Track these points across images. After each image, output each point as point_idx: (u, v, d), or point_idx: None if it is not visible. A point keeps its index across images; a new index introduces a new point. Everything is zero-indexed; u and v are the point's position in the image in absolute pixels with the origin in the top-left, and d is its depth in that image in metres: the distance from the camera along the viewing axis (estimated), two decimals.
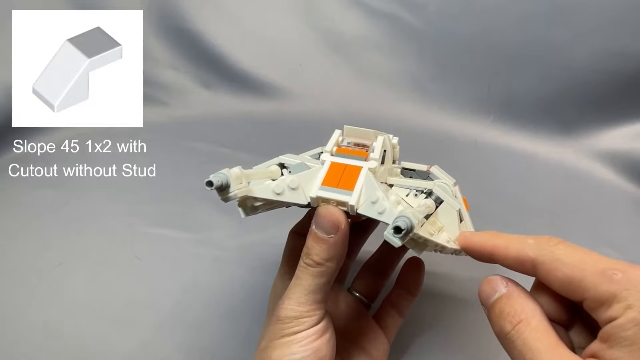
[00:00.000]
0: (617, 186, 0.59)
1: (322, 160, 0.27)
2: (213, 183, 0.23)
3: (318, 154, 0.31)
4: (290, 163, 0.29)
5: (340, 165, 0.26)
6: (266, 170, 0.28)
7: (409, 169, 0.33)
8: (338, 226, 0.24)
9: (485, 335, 0.39)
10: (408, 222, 0.20)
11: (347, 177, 0.25)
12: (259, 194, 0.25)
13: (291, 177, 0.25)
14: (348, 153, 0.27)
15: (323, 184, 0.25)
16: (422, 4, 0.67)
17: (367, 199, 0.24)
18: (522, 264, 0.21)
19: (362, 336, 0.32)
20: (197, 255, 0.47)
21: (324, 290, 0.25)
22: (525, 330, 0.20)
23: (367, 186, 0.25)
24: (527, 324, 0.20)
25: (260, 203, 0.26)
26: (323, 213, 0.24)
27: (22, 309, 0.41)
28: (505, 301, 0.21)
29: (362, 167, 0.26)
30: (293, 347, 0.24)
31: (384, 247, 0.36)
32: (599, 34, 0.60)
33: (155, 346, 0.38)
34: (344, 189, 0.25)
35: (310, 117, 0.70)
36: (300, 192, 0.25)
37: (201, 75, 0.73)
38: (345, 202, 0.24)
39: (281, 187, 0.25)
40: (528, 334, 0.19)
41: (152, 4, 0.70)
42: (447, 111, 0.69)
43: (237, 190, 0.24)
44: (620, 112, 0.62)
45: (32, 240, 0.48)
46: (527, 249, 0.21)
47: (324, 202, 0.25)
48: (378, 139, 0.28)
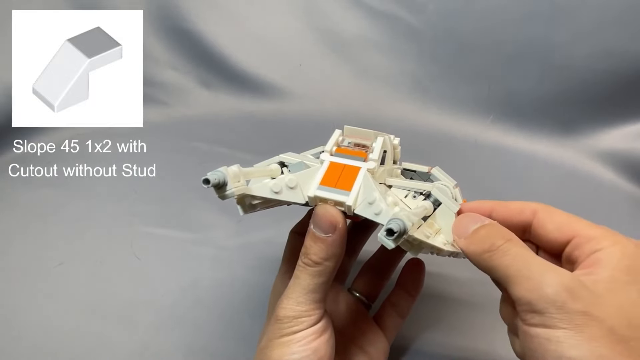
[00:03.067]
0: (617, 186, 0.59)
1: (321, 160, 0.27)
2: (210, 180, 0.23)
3: (319, 153, 0.31)
4: (290, 162, 0.29)
5: (339, 165, 0.26)
6: (266, 169, 0.28)
7: (409, 170, 0.33)
8: (335, 226, 0.24)
9: (485, 336, 0.39)
10: (401, 224, 0.20)
11: (345, 178, 0.25)
12: (256, 192, 0.25)
13: (290, 176, 0.25)
14: (347, 153, 0.27)
15: (321, 183, 0.25)
16: (422, 4, 0.67)
17: (365, 199, 0.24)
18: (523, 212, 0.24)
19: (361, 336, 0.33)
20: (197, 255, 0.47)
21: (322, 289, 0.25)
22: (518, 244, 0.22)
23: (364, 187, 0.25)
24: (517, 241, 0.22)
25: (258, 201, 0.26)
26: (321, 213, 0.24)
27: (22, 309, 0.41)
28: (492, 227, 0.23)
29: (361, 168, 0.26)
30: (292, 346, 0.24)
31: (384, 248, 0.36)
32: (599, 34, 0.60)
33: (155, 346, 0.38)
34: (341, 189, 0.25)
35: (310, 117, 0.70)
36: (299, 191, 0.25)
37: (201, 75, 0.73)
38: (342, 202, 0.24)
39: (279, 186, 0.25)
40: (521, 247, 0.21)
41: (152, 4, 0.70)
42: (447, 111, 0.69)
43: (235, 189, 0.24)
44: (620, 112, 0.62)
45: (32, 240, 0.48)
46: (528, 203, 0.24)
47: (321, 201, 0.25)
48: (378, 139, 0.28)
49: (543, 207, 0.24)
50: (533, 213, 0.24)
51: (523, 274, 0.20)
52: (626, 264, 0.20)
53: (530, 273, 0.20)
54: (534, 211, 0.24)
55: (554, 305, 0.18)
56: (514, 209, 0.25)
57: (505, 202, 0.25)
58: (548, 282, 0.19)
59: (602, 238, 0.21)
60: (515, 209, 0.25)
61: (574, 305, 0.18)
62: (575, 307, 0.18)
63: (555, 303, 0.18)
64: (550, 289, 0.19)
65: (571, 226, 0.22)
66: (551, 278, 0.19)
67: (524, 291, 0.19)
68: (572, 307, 0.18)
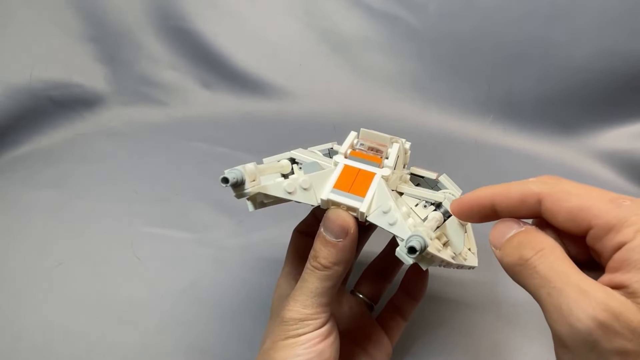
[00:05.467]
0: (617, 186, 0.59)
1: (335, 162, 0.27)
2: (229, 180, 0.23)
3: (328, 149, 0.31)
4: (301, 159, 0.29)
5: (353, 169, 0.26)
6: (277, 165, 0.28)
7: (417, 176, 0.32)
8: (347, 231, 0.24)
9: (487, 338, 0.39)
10: (422, 242, 0.21)
11: (359, 183, 0.25)
12: (271, 191, 0.25)
13: (303, 178, 0.25)
14: (362, 157, 0.27)
15: (335, 187, 0.25)
16: (422, 4, 0.67)
17: (379, 207, 0.24)
18: (526, 202, 0.21)
19: (364, 338, 0.33)
20: (197, 255, 0.47)
21: (330, 293, 0.25)
22: (550, 255, 0.19)
23: (379, 194, 0.24)
24: (551, 251, 0.19)
25: (270, 200, 0.26)
26: (333, 217, 0.24)
27: (22, 309, 0.41)
28: (525, 234, 0.20)
29: (376, 174, 0.26)
30: (297, 349, 0.24)
31: (388, 250, 0.36)
32: (599, 34, 0.60)
33: (155, 346, 0.38)
34: (355, 195, 0.24)
35: (310, 117, 0.70)
36: (312, 192, 0.25)
37: (201, 75, 0.73)
38: (356, 208, 0.24)
39: (293, 186, 0.25)
40: (553, 259, 0.18)
41: (152, 4, 0.70)
42: (447, 111, 0.69)
43: (252, 188, 0.24)
44: (620, 112, 0.62)
45: (32, 240, 0.48)
46: (531, 185, 0.21)
47: (334, 205, 0.25)
48: (394, 145, 0.28)
49: (548, 192, 0.20)
50: (537, 201, 0.20)
51: (552, 302, 0.17)
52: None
53: (560, 300, 0.17)
54: (538, 199, 0.20)
55: (585, 345, 0.16)
56: (516, 198, 0.21)
57: (504, 187, 0.22)
58: (579, 314, 0.16)
59: (623, 225, 0.17)
60: (517, 199, 0.21)
61: (608, 345, 0.16)
62: (609, 347, 0.16)
63: (587, 343, 0.16)
64: (581, 324, 0.16)
65: (585, 214, 0.19)
66: (582, 310, 0.16)
67: (552, 322, 0.17)
68: (606, 346, 0.16)
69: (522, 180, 0.22)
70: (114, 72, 0.71)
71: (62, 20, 0.67)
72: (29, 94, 0.62)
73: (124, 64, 0.71)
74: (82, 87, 0.68)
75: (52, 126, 0.64)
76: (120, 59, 0.71)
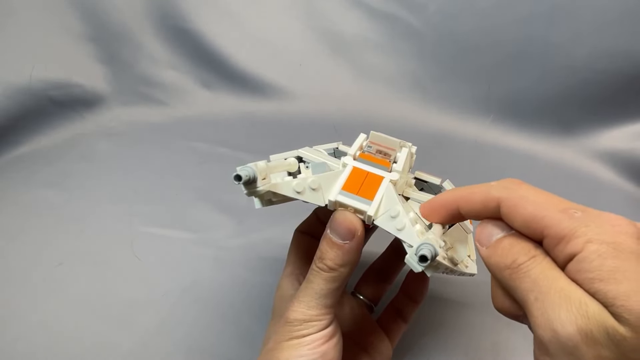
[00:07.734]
0: (617, 186, 0.59)
1: (343, 163, 0.27)
2: (242, 177, 0.23)
3: (333, 149, 0.31)
4: (309, 158, 0.29)
5: (362, 171, 0.26)
6: (284, 163, 0.28)
7: (421, 180, 0.32)
8: (354, 233, 0.24)
9: (487, 338, 0.39)
10: (433, 250, 0.21)
11: (368, 186, 0.25)
12: (281, 190, 0.25)
13: (312, 178, 0.25)
14: (371, 160, 0.27)
15: (343, 188, 0.25)
16: (422, 4, 0.67)
17: (387, 211, 0.24)
18: (487, 206, 0.21)
19: (365, 339, 0.33)
20: (197, 255, 0.47)
21: (334, 295, 0.25)
22: (543, 261, 0.19)
23: (387, 198, 0.25)
24: (543, 257, 0.19)
25: (278, 198, 0.26)
26: (340, 219, 0.24)
27: (22, 309, 0.41)
28: (517, 238, 0.21)
29: (384, 178, 0.26)
30: (301, 349, 0.24)
31: (388, 251, 0.36)
32: (599, 34, 0.60)
33: (155, 346, 0.38)
34: (363, 197, 0.24)
35: (310, 117, 0.70)
36: (320, 193, 0.25)
37: (201, 75, 0.73)
38: (363, 211, 0.24)
39: (302, 186, 0.25)
40: (546, 265, 0.19)
41: (152, 4, 0.70)
42: (447, 111, 0.69)
43: (263, 186, 0.24)
44: (620, 112, 0.62)
45: (32, 240, 0.48)
46: (492, 190, 0.21)
47: (342, 207, 0.25)
48: (403, 150, 0.28)
49: (506, 197, 0.21)
50: (497, 205, 0.21)
51: (538, 306, 0.18)
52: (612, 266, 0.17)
53: (545, 306, 0.18)
54: (498, 202, 0.21)
55: (564, 350, 0.17)
56: (478, 202, 0.22)
57: (469, 191, 0.22)
58: (562, 319, 0.17)
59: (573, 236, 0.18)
60: (479, 203, 0.22)
61: (587, 351, 0.16)
62: (588, 354, 0.16)
63: (566, 348, 0.17)
64: (562, 330, 0.17)
65: (537, 223, 0.19)
66: (566, 316, 0.17)
67: (536, 327, 0.18)
68: (585, 353, 0.16)
69: (485, 183, 0.22)
70: (114, 72, 0.71)
71: (62, 20, 0.67)
72: (29, 94, 0.62)
73: (124, 64, 0.71)
74: (82, 87, 0.68)
75: (52, 126, 0.64)
76: (120, 59, 0.71)
